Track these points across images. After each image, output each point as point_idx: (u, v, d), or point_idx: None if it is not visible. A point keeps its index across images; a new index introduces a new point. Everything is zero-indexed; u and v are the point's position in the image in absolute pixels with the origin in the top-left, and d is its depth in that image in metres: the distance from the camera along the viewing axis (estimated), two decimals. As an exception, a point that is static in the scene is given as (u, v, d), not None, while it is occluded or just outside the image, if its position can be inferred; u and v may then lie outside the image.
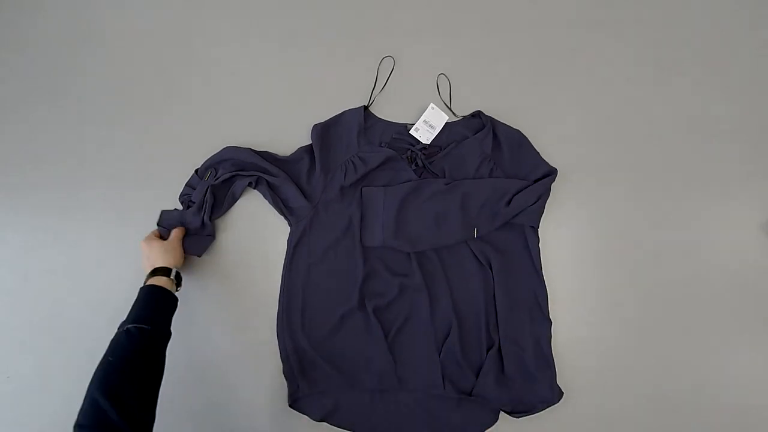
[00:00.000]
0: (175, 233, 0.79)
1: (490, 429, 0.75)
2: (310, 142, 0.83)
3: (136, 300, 0.68)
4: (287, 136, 0.84)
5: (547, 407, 0.74)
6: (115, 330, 0.63)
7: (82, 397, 0.55)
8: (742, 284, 0.81)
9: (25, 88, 0.90)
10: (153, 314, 0.66)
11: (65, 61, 0.92)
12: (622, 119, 0.88)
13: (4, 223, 0.85)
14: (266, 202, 0.82)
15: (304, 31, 0.92)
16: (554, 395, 0.75)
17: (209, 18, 0.94)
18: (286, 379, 0.76)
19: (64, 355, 0.80)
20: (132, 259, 0.80)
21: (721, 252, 0.82)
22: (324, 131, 0.83)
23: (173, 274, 0.73)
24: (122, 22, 0.94)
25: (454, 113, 0.87)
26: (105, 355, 0.60)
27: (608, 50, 0.91)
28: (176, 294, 0.72)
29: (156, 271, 0.72)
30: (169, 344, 0.67)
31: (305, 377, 0.75)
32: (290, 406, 0.75)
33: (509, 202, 0.78)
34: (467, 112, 0.86)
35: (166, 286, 0.70)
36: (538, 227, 0.80)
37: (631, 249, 0.82)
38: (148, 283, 0.71)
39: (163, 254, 0.75)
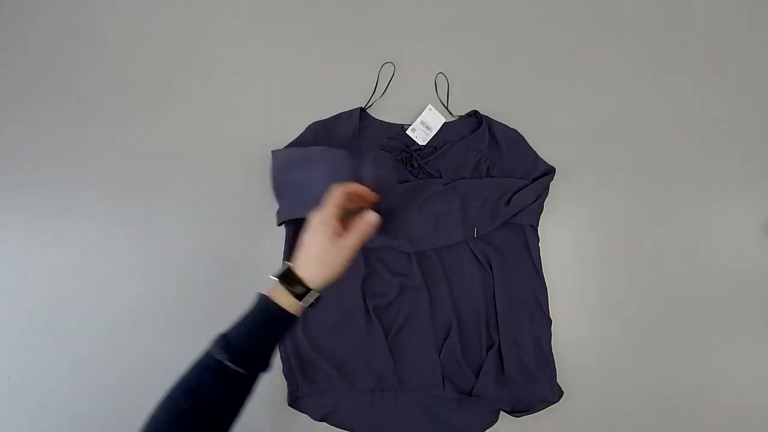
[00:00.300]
0: (365, 226, 0.49)
1: (490, 429, 0.75)
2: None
3: (250, 316, 0.49)
4: (287, 137, 0.84)
5: (548, 406, 0.74)
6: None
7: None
8: (742, 284, 0.81)
9: (25, 88, 0.90)
10: (260, 349, 0.48)
11: (65, 61, 0.92)
12: (622, 119, 0.88)
13: (4, 223, 0.85)
14: (262, 200, 0.81)
15: (304, 31, 0.92)
16: (554, 394, 0.75)
17: (209, 18, 0.94)
18: (286, 379, 0.76)
19: (64, 355, 0.80)
20: (133, 260, 0.81)
21: (721, 252, 0.82)
22: (319, 131, 0.83)
23: (310, 300, 0.49)
24: (122, 22, 0.94)
25: (450, 113, 0.87)
26: (178, 388, 0.47)
27: (608, 50, 0.91)
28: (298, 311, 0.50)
29: (292, 280, 0.48)
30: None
31: (305, 377, 0.75)
32: (290, 405, 0.75)
33: (508, 202, 0.78)
34: (465, 112, 0.86)
35: (290, 310, 0.48)
36: (537, 226, 0.80)
37: (631, 249, 0.82)
38: (273, 297, 0.48)
39: (321, 261, 0.48)
